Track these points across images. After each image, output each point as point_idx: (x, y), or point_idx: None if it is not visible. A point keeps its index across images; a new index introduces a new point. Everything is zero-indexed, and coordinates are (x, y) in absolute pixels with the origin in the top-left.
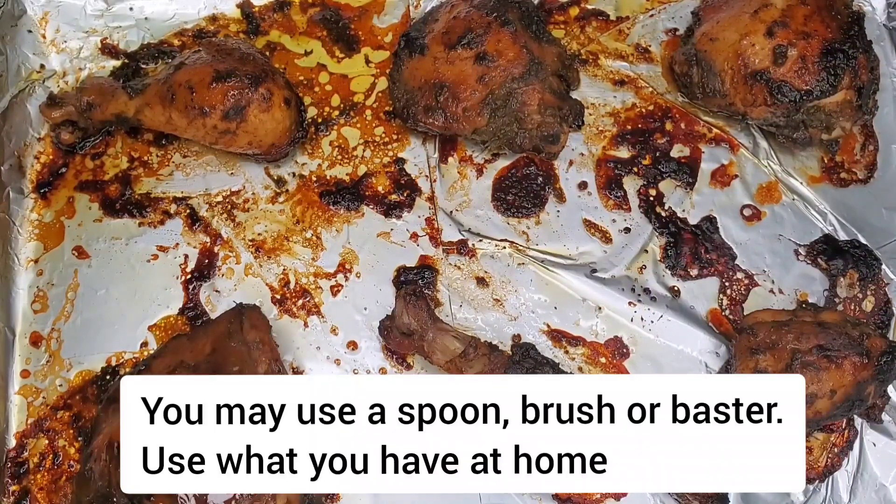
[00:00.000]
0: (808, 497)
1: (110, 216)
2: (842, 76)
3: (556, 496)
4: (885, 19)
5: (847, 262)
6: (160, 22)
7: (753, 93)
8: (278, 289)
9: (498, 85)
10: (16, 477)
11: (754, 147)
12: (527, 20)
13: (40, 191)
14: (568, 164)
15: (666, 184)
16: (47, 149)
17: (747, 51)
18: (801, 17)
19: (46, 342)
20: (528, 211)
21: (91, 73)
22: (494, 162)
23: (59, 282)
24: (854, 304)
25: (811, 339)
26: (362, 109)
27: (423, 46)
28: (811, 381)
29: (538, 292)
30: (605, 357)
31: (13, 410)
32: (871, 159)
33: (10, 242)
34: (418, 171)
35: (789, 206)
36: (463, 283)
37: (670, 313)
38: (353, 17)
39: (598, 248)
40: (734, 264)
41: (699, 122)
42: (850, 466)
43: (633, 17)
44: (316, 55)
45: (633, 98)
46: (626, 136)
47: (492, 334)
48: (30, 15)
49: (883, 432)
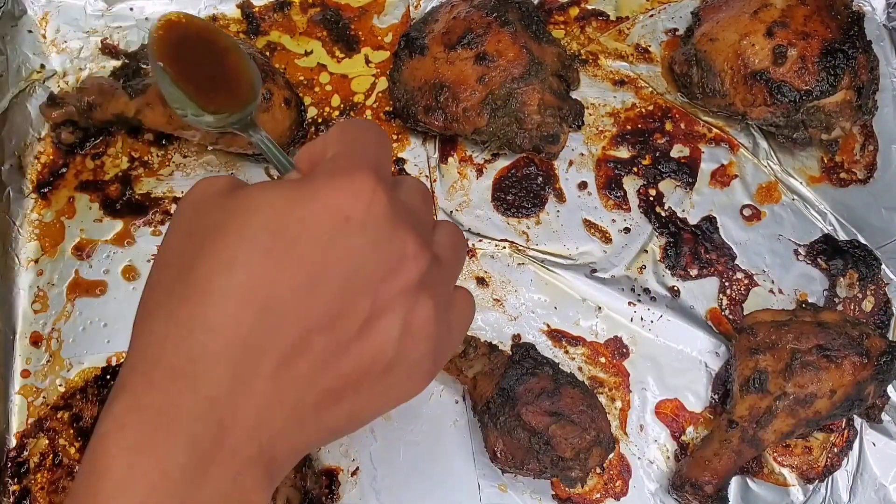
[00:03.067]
0: (807, 497)
1: (111, 216)
2: (841, 76)
3: (556, 496)
4: (885, 19)
5: (847, 262)
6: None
7: (753, 93)
8: None
9: (498, 85)
10: (16, 477)
11: (754, 147)
12: (527, 20)
13: (41, 191)
14: (568, 164)
15: (666, 184)
16: (47, 149)
17: (747, 51)
18: (800, 18)
19: (47, 342)
20: (528, 211)
21: (91, 74)
22: (494, 162)
23: (59, 282)
24: (854, 304)
25: (811, 339)
26: (362, 109)
27: (423, 46)
28: (811, 380)
29: (538, 292)
30: (604, 357)
31: (13, 410)
32: (871, 159)
33: (11, 242)
34: (418, 171)
35: (789, 206)
36: (463, 283)
37: (670, 313)
38: (353, 18)
39: (597, 248)
40: (734, 264)
41: (699, 122)
42: (850, 466)
43: (633, 18)
44: (316, 55)
45: (633, 98)
46: (625, 136)
47: (492, 334)
48: (30, 15)
49: (883, 432)
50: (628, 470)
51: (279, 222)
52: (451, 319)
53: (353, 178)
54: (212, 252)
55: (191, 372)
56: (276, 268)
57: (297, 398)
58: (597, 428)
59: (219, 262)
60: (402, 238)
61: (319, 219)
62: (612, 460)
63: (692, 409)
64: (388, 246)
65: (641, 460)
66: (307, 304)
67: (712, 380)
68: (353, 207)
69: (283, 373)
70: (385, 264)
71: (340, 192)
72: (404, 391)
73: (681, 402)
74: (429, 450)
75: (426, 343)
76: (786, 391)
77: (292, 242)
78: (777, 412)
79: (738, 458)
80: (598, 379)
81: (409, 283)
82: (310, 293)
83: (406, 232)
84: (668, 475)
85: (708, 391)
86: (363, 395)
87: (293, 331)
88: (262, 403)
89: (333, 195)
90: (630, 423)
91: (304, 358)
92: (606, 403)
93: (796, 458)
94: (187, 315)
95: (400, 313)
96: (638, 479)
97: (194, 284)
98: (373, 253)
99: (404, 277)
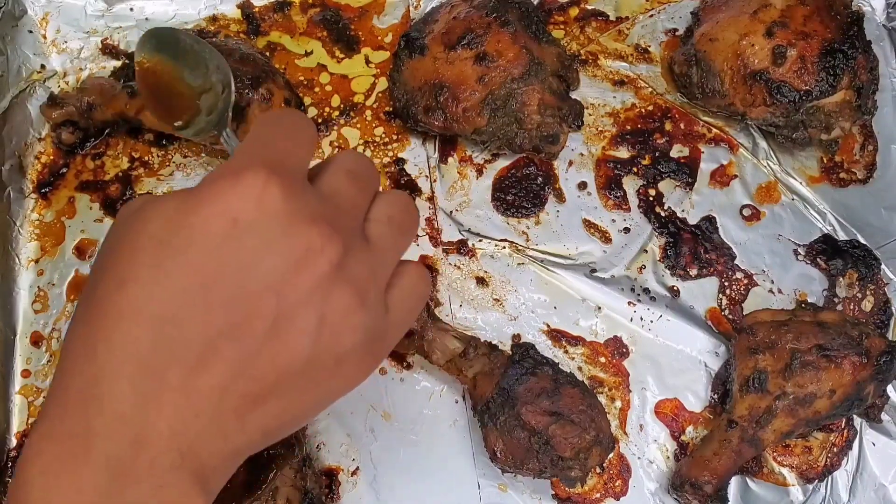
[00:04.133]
0: (807, 497)
1: (111, 216)
2: (841, 76)
3: (556, 496)
4: (885, 19)
5: (846, 262)
6: (160, 22)
7: (753, 93)
8: None
9: (498, 85)
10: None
11: (754, 147)
12: (527, 20)
13: (41, 191)
14: (568, 164)
15: (665, 184)
16: (48, 149)
17: (747, 51)
18: (800, 18)
19: (47, 342)
20: (528, 211)
21: (91, 74)
22: (494, 162)
23: (59, 282)
24: (853, 304)
25: (810, 339)
26: (362, 110)
27: (423, 47)
28: (810, 380)
29: (538, 292)
30: (604, 357)
31: (14, 410)
32: (871, 159)
33: (11, 242)
34: (418, 171)
35: (789, 206)
36: (463, 283)
37: (670, 313)
38: (353, 18)
39: (597, 248)
40: (734, 264)
41: (699, 122)
42: (850, 466)
43: (633, 18)
44: (316, 55)
45: (633, 98)
46: (625, 136)
47: (492, 334)
48: (30, 15)
49: (882, 432)
50: (628, 470)
51: (168, 232)
52: (391, 301)
53: (239, 177)
54: (108, 270)
55: (97, 393)
56: (165, 279)
57: (213, 405)
58: (597, 428)
59: (113, 279)
60: (302, 232)
61: (206, 224)
62: (611, 460)
63: (692, 409)
64: (285, 242)
65: (641, 460)
66: (203, 312)
67: (712, 380)
68: (240, 208)
69: (192, 382)
70: (286, 261)
71: (227, 193)
72: (337, 386)
73: (680, 401)
74: (429, 449)
75: (351, 334)
76: (785, 391)
77: (181, 251)
78: (777, 412)
79: (737, 458)
80: (597, 379)
81: (319, 276)
82: (204, 301)
83: (308, 224)
84: (668, 475)
85: (708, 391)
86: (288, 395)
87: (195, 340)
88: (173, 414)
89: (219, 198)
90: (630, 423)
91: (214, 365)
92: (606, 403)
93: (796, 458)
94: (90, 337)
95: (313, 308)
96: (638, 478)
97: (94, 306)
98: (267, 252)
99: (312, 271)
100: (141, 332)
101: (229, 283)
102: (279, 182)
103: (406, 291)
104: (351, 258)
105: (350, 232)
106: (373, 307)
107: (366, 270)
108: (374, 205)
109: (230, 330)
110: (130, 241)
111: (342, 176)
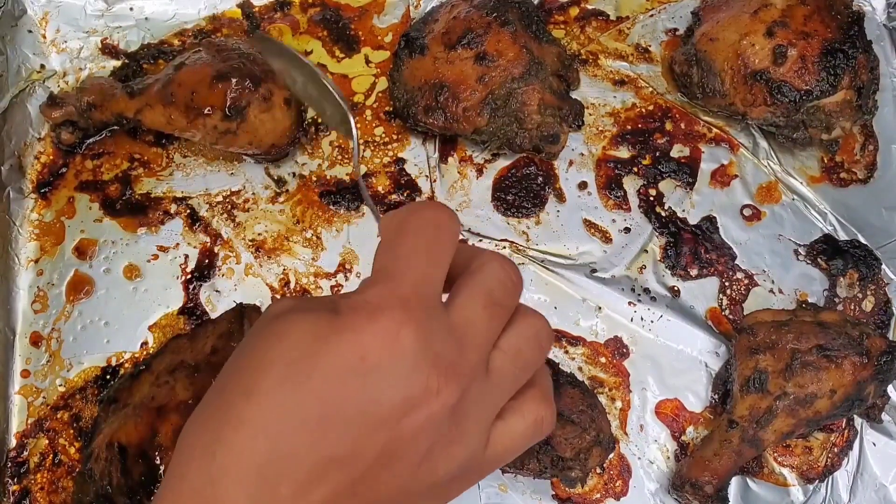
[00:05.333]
0: (807, 497)
1: (110, 216)
2: (842, 76)
3: (556, 496)
4: (885, 19)
5: (847, 262)
6: (160, 22)
7: (753, 93)
8: (278, 289)
9: (498, 85)
10: (16, 477)
11: (754, 147)
12: (527, 20)
13: (40, 191)
14: (568, 164)
15: (666, 184)
16: (47, 149)
17: (747, 51)
18: (800, 17)
19: (46, 342)
20: (528, 211)
21: (91, 74)
22: (494, 162)
23: (59, 281)
24: (854, 304)
25: (811, 339)
26: (362, 109)
27: (423, 46)
28: (811, 380)
29: (538, 292)
30: (604, 357)
31: (13, 410)
32: (871, 159)
33: (11, 242)
34: (418, 171)
35: (789, 206)
36: None
37: (670, 313)
38: (353, 17)
39: (598, 248)
40: (734, 264)
41: (699, 122)
42: (850, 466)
43: (633, 17)
44: (316, 55)
45: (633, 98)
46: (626, 136)
47: None
48: (30, 15)
49: (883, 432)
50: (628, 470)
51: (298, 354)
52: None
53: (375, 318)
54: (237, 378)
55: (211, 494)
56: (288, 401)
57: None
58: (597, 428)
59: (239, 388)
60: (423, 371)
61: (335, 356)
62: (612, 460)
63: (692, 409)
64: (405, 382)
65: (641, 460)
66: (319, 437)
67: (712, 380)
68: (371, 349)
69: (301, 497)
70: (403, 400)
71: (362, 332)
72: None
73: (681, 402)
74: None
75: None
76: (786, 391)
77: (307, 376)
78: (777, 412)
79: (738, 458)
80: (598, 379)
81: (431, 416)
82: (321, 427)
83: (430, 367)
84: (668, 475)
85: (708, 391)
86: None
87: (307, 460)
88: None
89: (353, 334)
90: (630, 423)
91: (322, 485)
92: (606, 403)
93: (796, 458)
94: (211, 439)
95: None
96: (638, 479)
97: (220, 409)
98: (388, 391)
99: (425, 412)
100: (259, 443)
101: (347, 415)
102: (413, 326)
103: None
104: (466, 398)
105: (471, 370)
106: (473, 441)
107: (478, 408)
108: (507, 330)
109: (341, 456)
110: (263, 354)
111: (479, 305)
